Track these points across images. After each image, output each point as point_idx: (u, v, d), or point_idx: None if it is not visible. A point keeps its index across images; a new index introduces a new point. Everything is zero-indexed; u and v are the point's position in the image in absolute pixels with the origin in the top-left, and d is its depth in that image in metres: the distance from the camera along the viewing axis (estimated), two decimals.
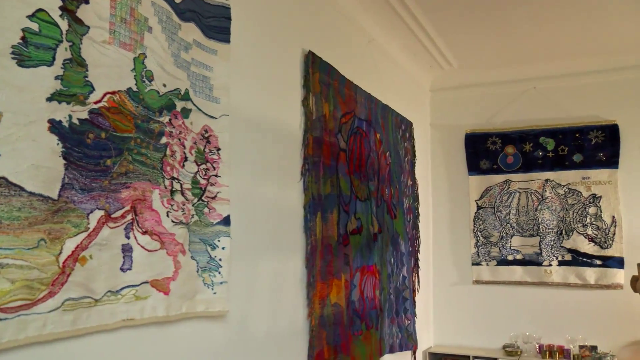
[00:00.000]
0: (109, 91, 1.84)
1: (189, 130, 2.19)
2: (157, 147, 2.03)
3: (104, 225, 1.79)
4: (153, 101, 2.02)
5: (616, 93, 4.96)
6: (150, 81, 2.01)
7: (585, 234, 4.89)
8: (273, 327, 2.77)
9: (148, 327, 2.00)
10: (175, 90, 2.13)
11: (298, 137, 3.08)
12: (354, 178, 3.60)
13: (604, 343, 4.74)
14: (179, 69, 2.15)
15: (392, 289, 4.20)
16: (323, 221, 3.17)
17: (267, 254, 2.76)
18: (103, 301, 1.79)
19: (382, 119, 4.20)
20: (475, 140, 5.37)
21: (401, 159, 4.58)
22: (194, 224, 2.18)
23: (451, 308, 5.39)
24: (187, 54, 2.21)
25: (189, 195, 2.17)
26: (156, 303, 1.99)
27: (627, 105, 4.91)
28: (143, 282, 1.94)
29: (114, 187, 1.83)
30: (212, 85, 2.33)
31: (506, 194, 5.21)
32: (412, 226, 4.78)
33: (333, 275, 3.24)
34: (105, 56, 1.83)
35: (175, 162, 2.11)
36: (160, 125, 2.04)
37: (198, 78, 2.26)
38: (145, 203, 1.95)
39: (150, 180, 1.98)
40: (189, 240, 2.15)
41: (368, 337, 3.68)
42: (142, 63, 1.98)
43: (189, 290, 2.14)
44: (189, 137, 2.18)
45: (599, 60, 4.95)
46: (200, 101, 2.26)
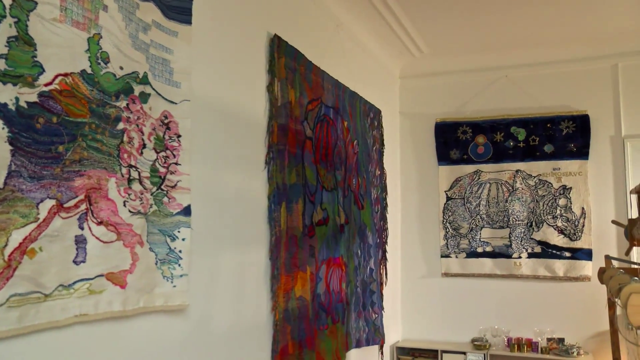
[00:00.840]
0: (61, 73, 1.80)
1: (148, 115, 2.16)
2: (114, 133, 1.99)
3: (56, 216, 1.76)
4: (109, 84, 1.98)
5: (587, 83, 5.07)
6: (106, 63, 1.97)
7: (555, 225, 5.01)
8: (235, 321, 2.77)
9: (103, 322, 1.97)
10: (133, 73, 2.09)
11: (262, 124, 3.06)
12: (320, 167, 3.60)
13: (571, 335, 4.88)
14: (137, 51, 2.12)
15: (359, 282, 4.23)
16: (288, 212, 3.17)
17: (230, 245, 2.75)
18: (54, 296, 1.75)
19: (350, 107, 4.21)
20: (446, 130, 5.43)
21: (369, 147, 4.60)
22: (153, 214, 2.16)
23: (419, 301, 5.47)
24: (146, 35, 2.17)
25: (147, 184, 2.14)
26: (112, 297, 1.97)
27: (598, 95, 5.02)
28: (98, 276, 1.91)
29: (66, 175, 1.80)
30: (173, 68, 2.30)
31: (476, 184, 5.29)
32: (380, 217, 4.82)
33: (298, 268, 3.25)
34: (56, 35, 1.78)
35: (133, 149, 2.08)
36: (116, 110, 2.01)
37: (157, 61, 2.23)
38: (100, 192, 1.92)
39: (106, 168, 1.95)
40: (147, 231, 2.13)
41: (334, 331, 3.70)
42: (97, 44, 1.94)
43: (147, 283, 2.12)
44: (147, 123, 2.15)
45: (571, 49, 5.05)
46: (159, 85, 2.23)
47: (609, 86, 5.01)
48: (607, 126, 4.99)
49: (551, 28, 4.68)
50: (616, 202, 4.90)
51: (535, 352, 4.83)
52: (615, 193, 4.92)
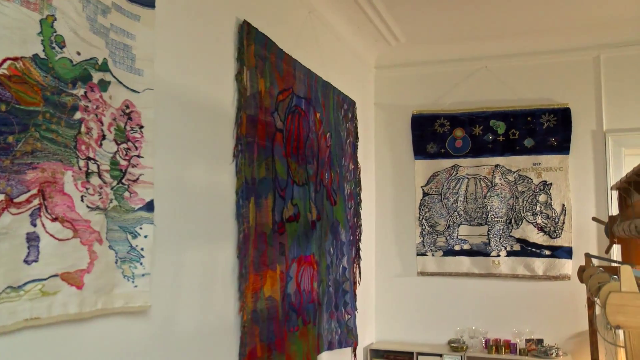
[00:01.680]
0: (10, 57, 1.75)
1: (108, 105, 2.13)
2: (70, 123, 1.96)
3: (5, 211, 1.72)
4: (65, 71, 1.94)
5: (569, 75, 5.14)
6: (61, 48, 1.93)
7: (535, 222, 5.08)
8: (201, 323, 2.75)
9: (57, 326, 1.94)
10: (91, 59, 2.06)
11: (230, 115, 3.04)
12: (291, 161, 3.60)
13: (550, 336, 4.96)
14: (95, 36, 2.08)
15: (332, 281, 4.24)
16: (257, 207, 3.16)
17: (195, 242, 2.73)
18: (1, 299, 1.71)
19: (323, 97, 4.20)
20: (422, 122, 5.46)
21: (343, 140, 4.60)
22: (113, 209, 2.13)
23: (394, 301, 5.50)
24: (105, 19, 2.14)
25: (107, 177, 2.11)
26: (67, 299, 1.93)
27: (580, 88, 5.10)
28: (52, 276, 1.87)
29: (17, 167, 1.76)
30: (135, 55, 2.27)
31: (454, 180, 5.34)
32: (354, 213, 4.83)
33: (267, 266, 3.24)
34: (3, 15, 1.74)
35: (91, 140, 2.04)
36: (73, 98, 1.97)
37: (118, 47, 2.19)
38: (55, 186, 1.89)
39: (61, 161, 1.91)
40: (106, 228, 2.10)
41: (305, 333, 3.70)
42: (51, 26, 1.90)
43: (106, 283, 2.09)
44: (107, 112, 2.12)
45: (552, 39, 5.11)
46: (120, 73, 2.19)
47: (590, 78, 5.09)
48: (588, 120, 5.08)
49: (532, 17, 4.73)
50: (597, 198, 4.99)
51: (513, 353, 4.91)
52: (596, 189, 5.01)
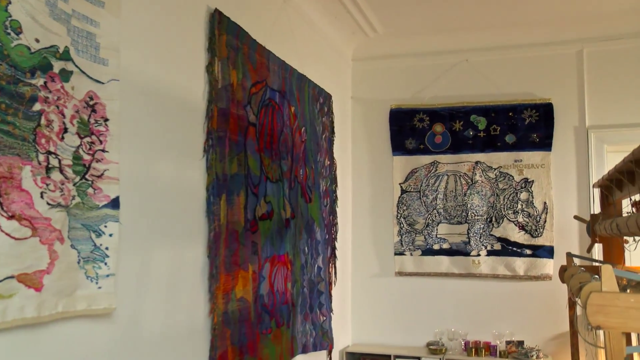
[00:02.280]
0: None
1: (70, 96, 2.10)
2: (29, 115, 1.92)
3: None
4: (22, 59, 1.91)
5: (552, 69, 5.20)
6: (17, 34, 1.90)
7: (516, 221, 5.13)
8: (169, 326, 2.73)
9: (13, 331, 1.90)
10: (51, 47, 2.02)
11: (201, 108, 3.03)
12: (264, 156, 3.59)
13: (530, 337, 5.02)
14: (56, 22, 2.05)
15: (306, 282, 4.24)
16: (228, 204, 3.15)
17: (163, 241, 2.71)
18: None
19: (298, 91, 4.20)
20: (401, 117, 5.48)
21: (318, 135, 4.60)
22: (75, 206, 2.10)
23: (371, 303, 5.52)
24: (67, 4, 2.10)
25: (69, 173, 2.08)
26: (25, 302, 1.90)
27: (562, 83, 5.16)
28: (7, 277, 1.84)
29: None
30: (99, 43, 2.24)
31: (433, 176, 5.37)
32: (329, 211, 4.84)
33: (239, 266, 3.23)
34: None
35: (52, 133, 2.01)
36: (32, 88, 1.94)
37: (81, 34, 2.16)
38: (12, 182, 1.86)
39: (19, 155, 1.88)
40: (68, 226, 2.07)
41: (278, 335, 3.70)
42: (6, 10, 1.86)
43: (68, 285, 2.06)
44: (69, 104, 2.09)
45: (535, 32, 5.16)
46: (83, 62, 2.16)
47: (573, 73, 5.15)
48: (571, 116, 5.14)
49: (515, 10, 4.77)
50: (579, 196, 5.06)
51: (493, 356, 4.95)
52: (578, 187, 5.07)
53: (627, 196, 3.01)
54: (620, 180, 3.07)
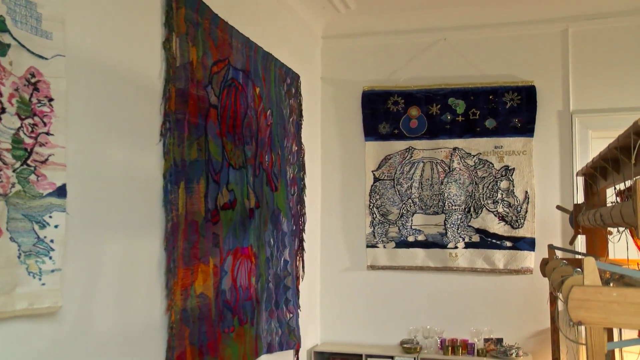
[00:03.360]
0: None
1: (8, 72, 2.05)
2: None
3: None
4: None
5: (535, 50, 5.24)
6: None
7: (496, 211, 5.19)
8: (121, 325, 2.71)
9: None
10: None
11: (157, 88, 2.99)
12: (226, 141, 3.57)
13: (510, 334, 5.08)
14: None
15: (272, 276, 4.24)
16: (187, 193, 3.13)
17: (116, 233, 2.69)
18: None
19: (263, 70, 4.18)
20: (374, 100, 5.49)
21: (285, 119, 4.59)
22: (16, 195, 2.07)
23: (341, 298, 5.54)
24: None
25: (8, 158, 2.05)
26: None
27: (546, 64, 5.20)
28: None
29: None
30: (41, 14, 2.19)
31: (408, 163, 5.39)
32: (297, 200, 4.83)
33: (199, 260, 3.22)
34: None
35: None
36: None
37: (19, 3, 2.11)
38: None
39: None
40: (7, 217, 2.04)
41: (241, 334, 3.70)
42: None
43: (6, 282, 2.03)
44: (7, 81, 2.05)
45: (517, 10, 5.20)
46: (23, 35, 2.12)
47: (557, 54, 5.20)
48: (554, 99, 5.19)
49: None
50: (562, 185, 5.13)
51: (471, 354, 5.01)
52: (561, 175, 5.14)
53: (611, 185, 3.05)
54: (604, 169, 3.11)
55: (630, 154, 2.18)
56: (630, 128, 2.13)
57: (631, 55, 5.04)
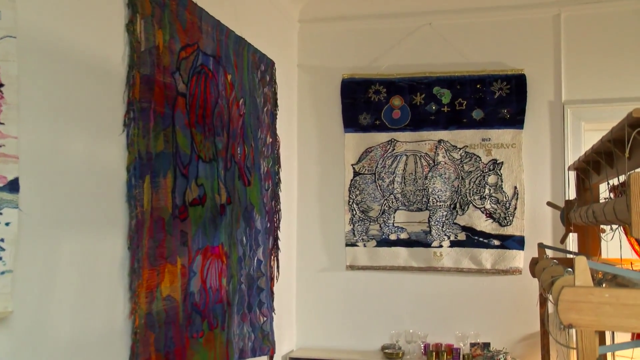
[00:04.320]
0: None
1: None
2: None
3: None
4: None
5: (525, 36, 5.27)
6: None
7: (483, 208, 5.22)
8: (80, 331, 2.69)
9: None
10: None
11: (120, 74, 2.97)
12: (195, 132, 3.55)
13: (498, 339, 5.12)
14: None
15: (244, 277, 4.23)
16: (153, 188, 3.11)
17: (74, 231, 2.66)
18: None
19: (235, 56, 4.16)
20: (354, 88, 5.49)
21: (259, 108, 4.58)
22: None
23: (319, 301, 5.54)
24: None
25: None
26: None
27: (537, 51, 5.23)
28: None
29: None
30: None
31: (390, 157, 5.40)
32: (271, 196, 4.82)
33: (166, 260, 3.21)
34: None
35: None
36: None
37: None
38: None
39: None
40: None
41: (211, 339, 3.69)
42: None
43: None
44: None
45: None
46: None
47: (549, 41, 5.23)
48: (545, 89, 5.22)
49: None
50: (553, 180, 5.16)
51: (456, 359, 5.04)
52: (552, 169, 5.17)
53: (604, 180, 3.08)
54: (598, 163, 3.13)
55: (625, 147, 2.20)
56: (625, 120, 2.15)
57: (628, 42, 5.08)
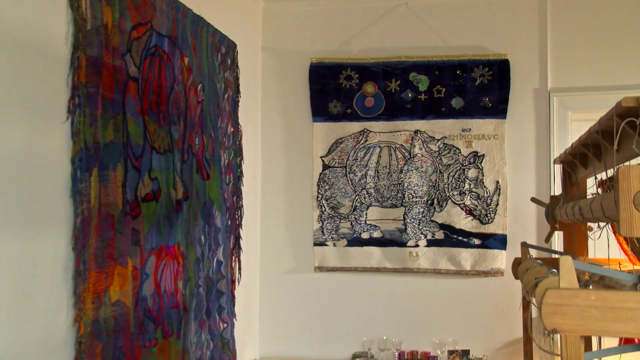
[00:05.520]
0: None
1: None
2: None
3: None
4: None
5: (509, 18, 5.31)
6: None
7: (463, 204, 5.25)
8: (16, 341, 2.65)
9: None
10: None
11: (64, 55, 2.93)
12: (149, 120, 3.53)
13: (478, 346, 5.17)
14: None
15: (202, 280, 4.22)
16: (101, 181, 3.08)
17: (11, 229, 2.62)
18: None
19: (193, 37, 4.14)
20: (324, 74, 5.50)
21: (219, 95, 4.56)
22: None
23: (284, 305, 5.55)
24: None
25: None
26: None
27: (522, 35, 5.28)
28: None
29: None
30: None
31: (363, 148, 5.42)
32: (233, 191, 4.81)
33: (115, 261, 3.18)
34: None
35: None
36: None
37: None
38: None
39: None
40: None
41: (165, 348, 3.67)
42: None
43: None
44: None
45: None
46: None
47: (534, 23, 5.27)
48: (530, 76, 5.27)
49: None
50: (537, 174, 5.22)
51: None
52: (537, 163, 5.23)
53: (592, 174, 3.12)
54: (585, 156, 3.17)
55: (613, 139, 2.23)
56: (613, 109, 2.18)
57: (619, 26, 5.14)
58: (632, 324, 1.71)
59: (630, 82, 5.05)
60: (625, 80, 5.07)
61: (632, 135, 2.14)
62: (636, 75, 5.08)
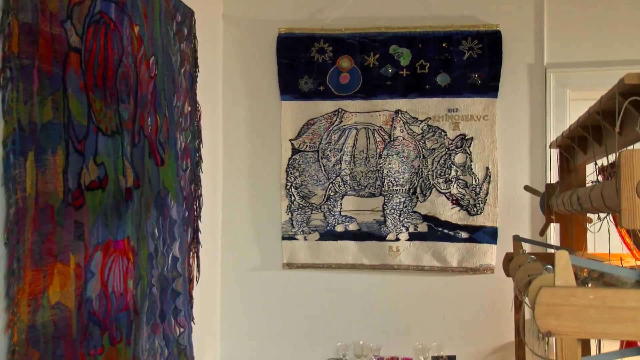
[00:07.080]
0: None
1: None
2: None
3: None
4: None
5: None
6: None
7: (449, 193, 5.26)
8: None
9: None
10: None
11: None
12: (94, 97, 3.49)
13: (464, 351, 5.19)
14: None
15: (156, 279, 4.21)
16: (38, 167, 3.04)
17: None
18: None
19: (144, 3, 4.11)
20: (293, 46, 5.47)
21: (175, 69, 4.53)
22: None
23: (249, 307, 5.55)
24: None
25: None
26: None
27: (515, 4, 5.28)
28: None
29: None
30: None
31: (337, 130, 5.41)
32: (190, 178, 4.79)
33: (55, 258, 3.15)
34: None
35: None
36: None
37: None
38: None
39: None
40: None
41: (113, 356, 3.65)
42: None
43: None
44: None
45: None
46: None
47: None
48: (524, 50, 5.28)
49: None
50: (532, 160, 5.24)
51: None
52: (531, 147, 5.24)
53: (592, 160, 3.13)
54: (584, 139, 3.18)
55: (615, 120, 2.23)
56: (615, 87, 2.17)
57: None
58: (634, 326, 1.71)
59: (636, 56, 5.08)
60: (630, 54, 5.09)
61: (635, 116, 2.14)
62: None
